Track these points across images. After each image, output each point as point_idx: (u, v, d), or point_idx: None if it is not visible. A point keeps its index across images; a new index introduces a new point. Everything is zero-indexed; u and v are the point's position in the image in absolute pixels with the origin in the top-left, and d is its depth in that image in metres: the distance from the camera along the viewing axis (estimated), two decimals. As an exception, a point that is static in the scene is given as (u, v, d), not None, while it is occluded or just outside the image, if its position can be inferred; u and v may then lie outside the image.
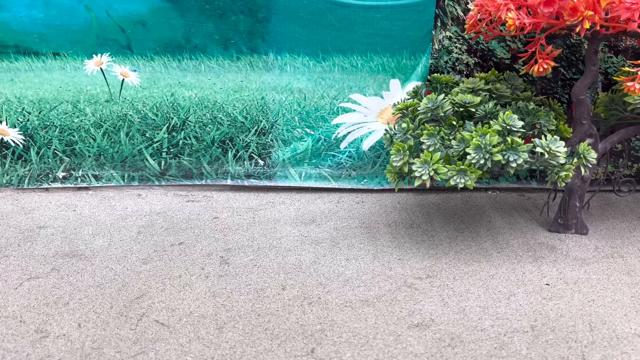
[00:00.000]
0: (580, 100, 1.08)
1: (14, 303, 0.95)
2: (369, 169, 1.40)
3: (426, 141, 1.01)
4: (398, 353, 0.84)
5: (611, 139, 1.15)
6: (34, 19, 1.20)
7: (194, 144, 1.41)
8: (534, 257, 1.11)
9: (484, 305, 0.96)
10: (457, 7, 1.26)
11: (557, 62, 1.26)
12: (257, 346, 0.85)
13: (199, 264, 1.08)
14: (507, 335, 0.88)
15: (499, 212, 1.32)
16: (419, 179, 0.97)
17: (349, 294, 0.98)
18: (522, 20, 0.94)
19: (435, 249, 1.14)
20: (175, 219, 1.28)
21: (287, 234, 1.20)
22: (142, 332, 0.88)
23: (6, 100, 1.29)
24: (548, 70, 1.00)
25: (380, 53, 1.32)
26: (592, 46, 1.05)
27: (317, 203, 1.36)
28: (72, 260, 1.09)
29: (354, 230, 1.22)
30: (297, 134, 1.36)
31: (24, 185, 1.42)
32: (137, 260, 1.09)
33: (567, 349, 0.85)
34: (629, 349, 0.85)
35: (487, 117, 1.04)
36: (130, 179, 1.44)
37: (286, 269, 1.06)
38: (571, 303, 0.97)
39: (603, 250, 1.15)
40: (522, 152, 0.95)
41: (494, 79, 1.17)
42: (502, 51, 1.30)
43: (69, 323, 0.90)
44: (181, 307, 0.94)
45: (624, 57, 1.29)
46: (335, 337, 0.87)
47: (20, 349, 0.84)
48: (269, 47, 1.31)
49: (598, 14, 0.88)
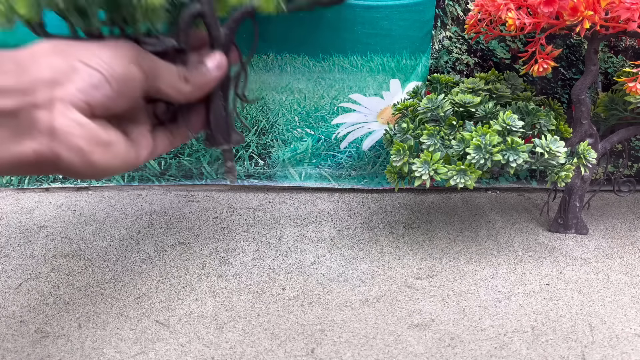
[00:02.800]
0: (580, 100, 1.08)
1: (14, 303, 0.95)
2: (369, 169, 1.40)
3: (426, 141, 1.01)
4: (398, 353, 0.84)
5: (611, 139, 1.15)
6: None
7: (194, 143, 1.40)
8: (534, 257, 1.11)
9: (484, 305, 0.96)
10: (457, 7, 1.26)
11: (557, 62, 1.26)
12: (257, 346, 0.85)
13: (199, 264, 1.08)
14: (507, 335, 0.88)
15: (499, 212, 1.32)
16: (419, 179, 0.97)
17: (349, 294, 0.98)
18: (522, 20, 0.93)
19: (435, 249, 1.14)
20: (175, 219, 1.28)
21: (287, 234, 1.20)
22: (142, 332, 0.88)
23: (6, 100, 1.29)
24: (548, 70, 1.00)
25: (380, 53, 1.32)
26: (592, 46, 1.05)
27: (317, 203, 1.36)
28: (72, 260, 1.09)
29: (354, 230, 1.22)
30: (297, 134, 1.36)
31: (24, 185, 1.42)
32: (137, 260, 1.09)
33: (567, 349, 0.85)
34: (629, 349, 0.85)
35: (487, 117, 1.04)
36: (130, 179, 1.44)
37: (286, 269, 1.06)
38: (571, 303, 0.97)
39: (603, 250, 1.15)
40: (522, 152, 0.95)
41: (494, 79, 1.17)
42: (502, 51, 1.30)
43: (69, 323, 0.90)
44: (181, 307, 0.94)
45: (624, 57, 1.29)
46: (335, 337, 0.87)
47: (20, 349, 0.84)
48: (269, 47, 1.31)
49: (598, 14, 0.88)
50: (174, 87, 0.81)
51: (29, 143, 0.65)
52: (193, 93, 0.86)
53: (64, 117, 0.64)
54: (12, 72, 0.62)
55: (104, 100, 0.70)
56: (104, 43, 0.74)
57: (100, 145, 0.68)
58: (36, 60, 0.64)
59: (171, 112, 0.95)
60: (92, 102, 0.68)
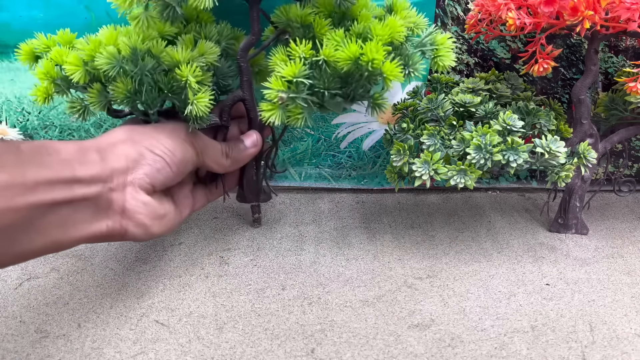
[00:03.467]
0: (581, 100, 1.08)
1: (13, 303, 0.95)
2: (369, 169, 1.40)
3: (426, 141, 1.01)
4: (398, 353, 0.83)
5: (611, 138, 1.15)
6: (34, 18, 1.20)
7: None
8: (534, 257, 1.11)
9: (484, 305, 0.96)
10: (457, 7, 1.26)
11: (558, 62, 1.26)
12: (257, 346, 0.85)
13: (199, 264, 1.08)
14: (508, 335, 0.88)
15: (499, 212, 1.32)
16: (419, 179, 0.97)
17: (349, 294, 0.98)
18: (523, 20, 0.93)
19: (435, 249, 1.14)
20: (175, 219, 1.28)
21: (287, 234, 1.20)
22: (142, 332, 0.88)
23: (6, 100, 1.29)
24: (548, 70, 1.00)
25: (381, 53, 1.31)
26: (593, 46, 1.05)
27: (317, 203, 1.36)
28: (72, 260, 1.09)
29: (354, 230, 1.22)
30: (297, 134, 1.36)
31: (23, 185, 1.42)
32: (137, 260, 1.09)
33: (567, 349, 0.85)
34: (630, 349, 0.85)
35: (487, 117, 1.04)
36: (130, 179, 1.44)
37: (286, 269, 1.06)
38: (571, 303, 0.97)
39: (603, 250, 1.15)
40: (522, 152, 0.95)
41: (494, 79, 1.17)
42: (502, 51, 1.30)
43: (69, 323, 0.90)
44: (181, 307, 0.94)
45: (625, 57, 1.29)
46: (335, 337, 0.87)
47: (20, 349, 0.84)
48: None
49: (598, 14, 0.88)
50: (217, 162, 0.98)
51: (105, 220, 0.77)
52: (231, 166, 1.04)
53: (133, 199, 0.79)
54: (96, 162, 0.74)
55: (164, 180, 0.85)
56: (165, 128, 0.91)
57: (158, 218, 0.85)
58: (114, 149, 0.78)
59: (210, 174, 1.09)
60: (155, 183, 0.82)
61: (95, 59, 0.81)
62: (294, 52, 0.86)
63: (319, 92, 0.87)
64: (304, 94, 0.85)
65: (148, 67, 0.81)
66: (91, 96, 0.87)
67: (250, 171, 1.09)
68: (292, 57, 0.86)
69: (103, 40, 0.84)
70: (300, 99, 0.85)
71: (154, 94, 0.83)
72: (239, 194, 1.14)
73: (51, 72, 0.89)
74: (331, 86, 0.87)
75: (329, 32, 0.89)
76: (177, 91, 0.84)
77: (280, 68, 0.85)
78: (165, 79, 0.83)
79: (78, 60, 0.84)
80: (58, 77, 0.89)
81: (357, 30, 0.89)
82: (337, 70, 0.85)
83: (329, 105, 0.89)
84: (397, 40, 0.88)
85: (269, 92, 0.85)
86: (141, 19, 0.81)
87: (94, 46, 0.83)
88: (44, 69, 0.90)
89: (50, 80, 0.89)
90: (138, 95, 0.82)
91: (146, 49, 0.82)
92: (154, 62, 0.82)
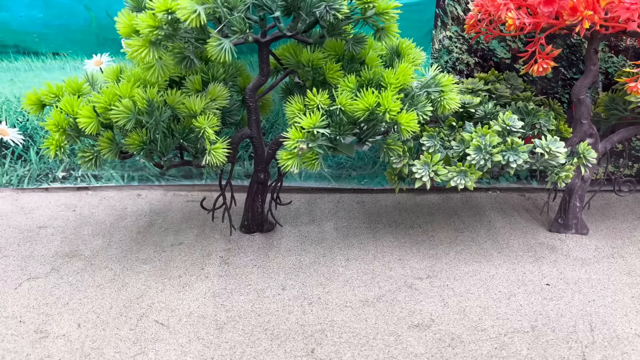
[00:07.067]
0: (580, 100, 1.08)
1: (13, 303, 0.95)
2: (369, 169, 1.40)
3: (426, 142, 1.01)
4: (398, 353, 0.84)
5: (611, 138, 1.15)
6: (34, 18, 1.20)
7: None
8: (534, 257, 1.11)
9: (485, 305, 0.96)
10: (457, 7, 1.26)
11: (557, 62, 1.26)
12: (257, 346, 0.85)
13: (199, 264, 1.08)
14: (508, 336, 0.88)
15: (499, 212, 1.32)
16: (420, 180, 0.97)
17: (349, 294, 0.98)
18: (522, 20, 0.93)
19: (435, 249, 1.14)
20: (175, 219, 1.28)
21: (287, 234, 1.20)
22: (142, 332, 0.88)
23: (6, 100, 1.29)
24: (548, 70, 1.00)
25: (381, 53, 1.31)
26: (592, 46, 1.05)
27: (317, 203, 1.36)
28: (72, 260, 1.09)
29: (354, 230, 1.22)
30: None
31: (23, 185, 1.42)
32: (136, 260, 1.09)
33: (567, 349, 0.85)
34: (630, 349, 0.85)
35: (487, 117, 1.04)
36: (130, 179, 1.44)
37: (286, 269, 1.06)
38: (571, 303, 0.97)
39: (603, 250, 1.15)
40: (522, 152, 0.95)
41: (494, 79, 1.17)
42: (502, 51, 1.30)
43: (69, 323, 0.90)
44: (181, 307, 0.94)
45: (624, 57, 1.29)
46: (335, 338, 0.87)
47: (20, 349, 0.84)
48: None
49: (597, 14, 0.88)
50: None
51: None
52: None
53: None
54: None
55: None
56: None
57: None
58: None
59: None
60: None
61: (109, 111, 0.83)
62: (312, 101, 0.89)
63: (333, 137, 0.90)
64: (320, 140, 0.89)
65: (163, 118, 0.83)
66: (102, 144, 0.89)
67: (256, 203, 1.15)
68: (310, 107, 0.89)
69: (118, 92, 0.85)
70: (317, 146, 0.89)
71: (168, 141, 0.85)
72: (242, 224, 1.19)
73: (62, 123, 0.90)
74: (345, 132, 0.91)
75: (342, 78, 0.92)
76: (192, 139, 0.87)
77: (299, 119, 0.88)
78: (179, 127, 0.85)
79: (91, 112, 0.85)
80: (68, 126, 0.90)
81: (368, 76, 0.92)
82: (353, 118, 0.88)
83: (341, 148, 0.93)
84: (408, 86, 0.92)
85: (288, 142, 0.88)
86: (156, 67, 0.83)
87: (108, 97, 0.84)
88: (54, 120, 0.90)
89: (62, 131, 0.90)
90: (152, 144, 0.84)
91: (162, 100, 0.84)
92: (169, 112, 0.84)
